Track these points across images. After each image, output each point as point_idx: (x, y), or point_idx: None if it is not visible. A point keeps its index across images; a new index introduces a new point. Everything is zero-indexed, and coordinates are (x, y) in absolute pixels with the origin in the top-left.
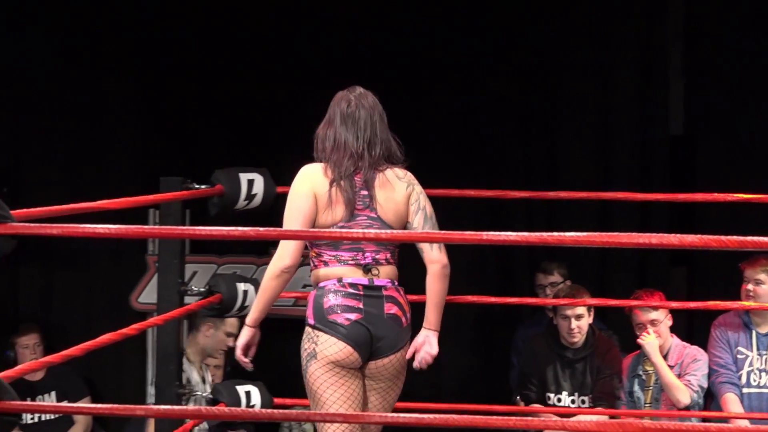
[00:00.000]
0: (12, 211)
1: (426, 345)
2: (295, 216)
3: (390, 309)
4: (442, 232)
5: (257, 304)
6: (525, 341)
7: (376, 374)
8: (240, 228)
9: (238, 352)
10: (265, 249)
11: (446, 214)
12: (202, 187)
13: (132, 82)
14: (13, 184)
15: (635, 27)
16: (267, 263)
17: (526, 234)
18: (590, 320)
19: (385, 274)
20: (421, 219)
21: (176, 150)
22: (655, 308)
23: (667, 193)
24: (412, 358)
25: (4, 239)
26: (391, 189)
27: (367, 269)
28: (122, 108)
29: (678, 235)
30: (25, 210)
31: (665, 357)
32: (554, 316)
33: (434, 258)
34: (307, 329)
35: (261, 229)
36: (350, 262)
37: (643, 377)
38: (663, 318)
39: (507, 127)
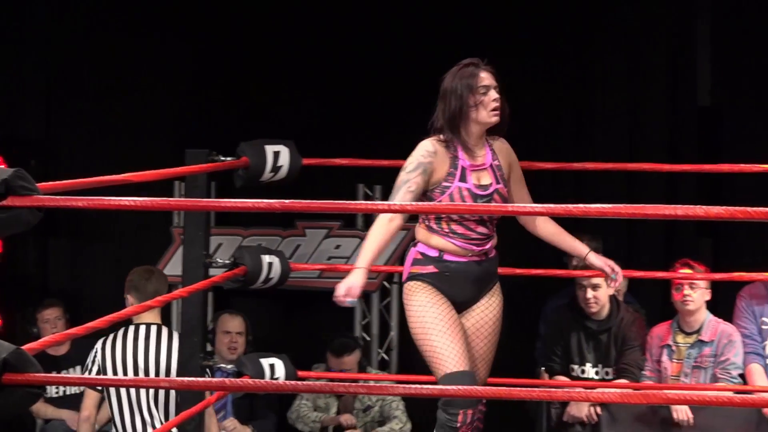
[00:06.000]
0: (38, 184)
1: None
2: None
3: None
4: (468, 204)
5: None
6: (552, 312)
7: None
8: (265, 200)
9: (342, 292)
10: (290, 221)
11: None
12: (228, 159)
13: (160, 56)
14: (43, 158)
15: None
16: (292, 235)
17: (552, 206)
18: (610, 291)
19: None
20: None
21: (202, 122)
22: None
23: (694, 164)
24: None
25: (29, 211)
26: None
27: None
28: (150, 81)
29: (704, 206)
30: (50, 183)
31: (699, 332)
32: (576, 287)
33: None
34: None
35: (286, 201)
36: None
37: (673, 348)
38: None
39: (535, 98)
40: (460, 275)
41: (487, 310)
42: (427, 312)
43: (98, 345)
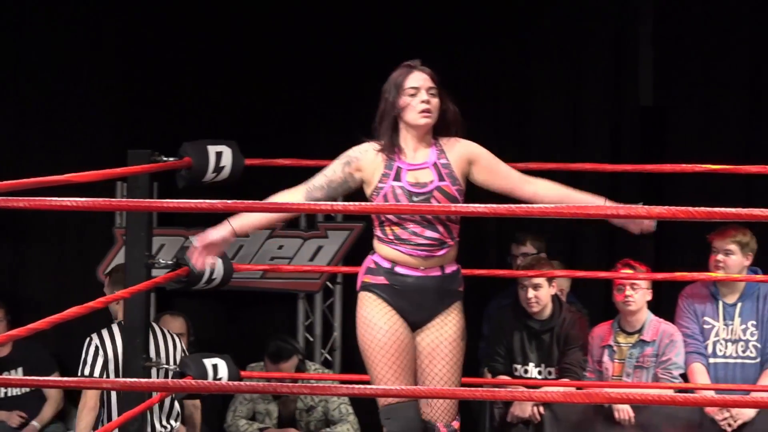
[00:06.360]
0: None
1: None
2: None
3: None
4: (410, 204)
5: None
6: (495, 312)
7: None
8: (208, 200)
9: (199, 244)
10: None
11: None
12: (170, 159)
13: (102, 55)
14: None
15: None
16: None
17: (494, 206)
18: (552, 291)
19: None
20: None
21: (145, 122)
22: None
23: (636, 164)
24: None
25: None
26: None
27: None
28: (92, 81)
29: (646, 206)
30: None
31: (640, 331)
32: (518, 287)
33: None
34: None
35: (229, 201)
36: None
37: (614, 348)
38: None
39: (477, 97)
40: (412, 289)
41: (443, 329)
42: (373, 334)
43: (95, 341)
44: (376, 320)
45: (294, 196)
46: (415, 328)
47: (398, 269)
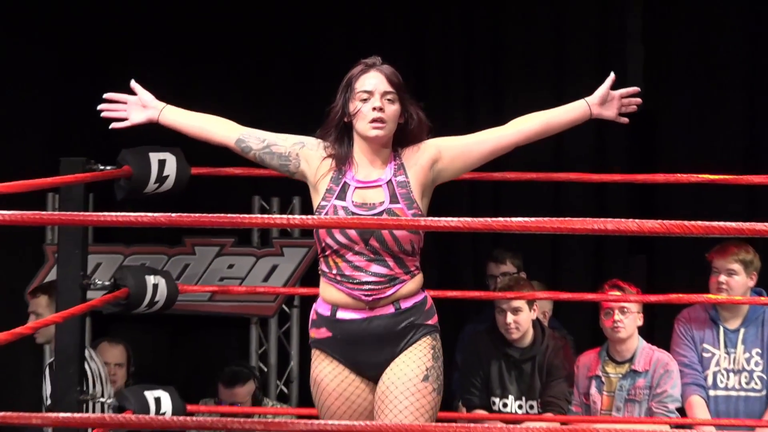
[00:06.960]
0: None
1: None
2: None
3: None
4: (376, 218)
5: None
6: (470, 338)
7: None
8: (150, 213)
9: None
10: (177, 238)
11: None
12: (108, 168)
13: (33, 54)
14: None
15: None
16: (180, 253)
17: (469, 219)
18: (533, 315)
19: None
20: None
21: (78, 127)
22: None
23: (625, 174)
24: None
25: None
26: None
27: None
28: (21, 82)
29: (637, 220)
30: None
31: (631, 361)
32: (495, 311)
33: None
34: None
35: (173, 215)
36: None
37: (603, 379)
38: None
39: (452, 100)
40: (360, 337)
41: (398, 368)
42: (323, 401)
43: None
44: (325, 384)
45: (231, 129)
46: (376, 374)
47: (340, 314)
